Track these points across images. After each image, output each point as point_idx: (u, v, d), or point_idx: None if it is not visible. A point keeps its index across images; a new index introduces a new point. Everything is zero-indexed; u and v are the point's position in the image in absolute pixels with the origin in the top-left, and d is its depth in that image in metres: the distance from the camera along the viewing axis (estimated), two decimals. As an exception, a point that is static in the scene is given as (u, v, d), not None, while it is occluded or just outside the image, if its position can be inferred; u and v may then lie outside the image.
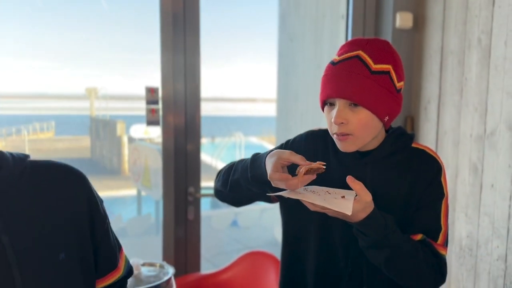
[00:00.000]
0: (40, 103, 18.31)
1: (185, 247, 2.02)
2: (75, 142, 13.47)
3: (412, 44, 2.02)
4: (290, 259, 1.14)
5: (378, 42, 1.01)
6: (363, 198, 0.90)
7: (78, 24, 4.27)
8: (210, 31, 17.77)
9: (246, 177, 1.02)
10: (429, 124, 1.94)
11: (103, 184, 8.37)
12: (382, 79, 0.96)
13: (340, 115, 0.95)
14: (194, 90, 1.96)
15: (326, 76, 1.00)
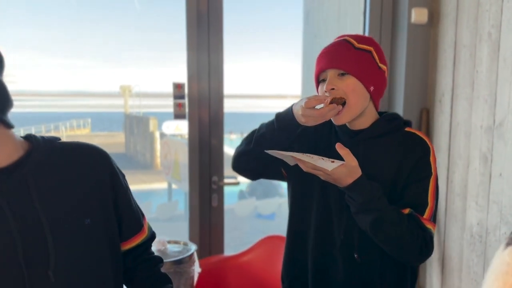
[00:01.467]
0: (78, 101, 19.00)
1: (209, 232, 2.17)
2: (110, 138, 13.97)
3: (427, 39, 2.08)
4: (294, 232, 1.27)
5: (362, 35, 1.19)
6: (348, 162, 1.04)
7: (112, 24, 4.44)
8: (237, 29, 17.94)
9: (272, 128, 1.16)
10: (443, 116, 2.00)
11: (136, 178, 8.69)
12: (364, 55, 1.13)
13: (330, 82, 1.11)
14: (218, 86, 2.09)
15: (318, 58, 1.17)
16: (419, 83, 2.11)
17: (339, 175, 1.04)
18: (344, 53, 1.11)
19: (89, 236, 0.87)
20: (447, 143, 1.97)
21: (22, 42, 16.05)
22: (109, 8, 16.95)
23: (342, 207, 1.14)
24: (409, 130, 1.20)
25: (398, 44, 2.15)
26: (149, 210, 3.14)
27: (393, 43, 2.19)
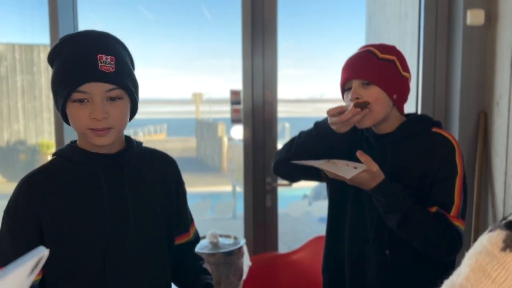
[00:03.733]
0: (154, 107, 20.14)
1: (263, 230, 2.28)
2: (183, 142, 14.66)
3: (484, 41, 2.04)
4: (332, 230, 1.35)
5: (385, 44, 1.25)
6: (370, 168, 1.11)
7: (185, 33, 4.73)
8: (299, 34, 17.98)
9: (311, 137, 1.27)
10: (500, 119, 1.94)
11: (205, 180, 9.07)
12: (387, 65, 1.19)
13: (355, 92, 1.18)
14: (272, 91, 2.21)
15: (343, 68, 1.24)
16: (476, 85, 2.07)
17: (361, 180, 1.12)
18: (367, 64, 1.18)
19: (157, 220, 1.05)
20: (505, 146, 1.91)
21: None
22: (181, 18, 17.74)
23: (373, 206, 1.20)
24: (436, 130, 1.23)
25: (454, 46, 2.12)
26: (209, 208, 3.35)
27: (449, 46, 2.17)
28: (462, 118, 2.07)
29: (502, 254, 0.64)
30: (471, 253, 0.68)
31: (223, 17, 14.25)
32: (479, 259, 0.67)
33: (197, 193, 7.59)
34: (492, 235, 0.67)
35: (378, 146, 1.23)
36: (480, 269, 0.66)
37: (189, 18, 12.44)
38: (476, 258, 0.67)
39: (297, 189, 5.70)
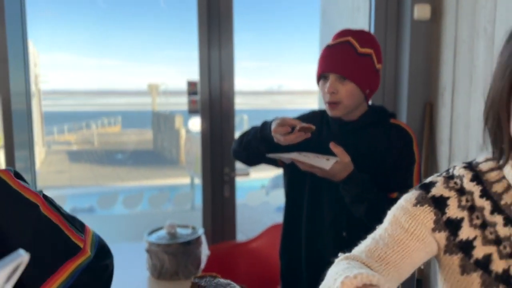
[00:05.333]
0: (108, 99, 19.55)
1: (222, 220, 2.30)
2: (139, 135, 14.35)
3: (430, 35, 2.14)
4: (289, 215, 1.41)
5: (365, 32, 1.30)
6: (342, 159, 1.17)
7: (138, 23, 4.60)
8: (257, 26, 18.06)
9: (256, 137, 1.31)
10: (444, 109, 2.06)
11: (163, 173, 8.97)
12: (365, 60, 1.24)
13: (332, 86, 1.23)
14: (229, 82, 2.22)
15: (322, 56, 1.28)
16: (423, 78, 2.18)
17: (334, 171, 1.18)
18: (346, 59, 1.22)
19: None
20: (448, 135, 2.03)
21: (53, 43, 16.75)
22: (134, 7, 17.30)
23: (331, 191, 1.26)
24: (394, 121, 1.33)
25: (403, 40, 2.22)
26: (166, 201, 3.35)
27: (398, 39, 2.26)
28: (410, 108, 2.18)
29: (414, 209, 0.79)
30: (391, 210, 0.83)
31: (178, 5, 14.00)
32: (396, 213, 0.81)
33: (155, 186, 7.49)
34: (408, 195, 0.83)
35: (340, 133, 1.30)
36: (396, 221, 0.80)
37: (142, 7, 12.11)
38: (394, 213, 0.82)
39: (256, 180, 5.76)
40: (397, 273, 0.77)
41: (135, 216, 3.99)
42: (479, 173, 0.79)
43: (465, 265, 0.76)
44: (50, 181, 7.89)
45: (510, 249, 0.73)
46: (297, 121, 1.22)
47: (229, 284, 0.79)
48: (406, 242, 0.77)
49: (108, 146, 12.42)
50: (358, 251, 0.81)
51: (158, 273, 1.51)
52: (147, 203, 3.78)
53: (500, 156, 0.77)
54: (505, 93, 0.69)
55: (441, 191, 0.80)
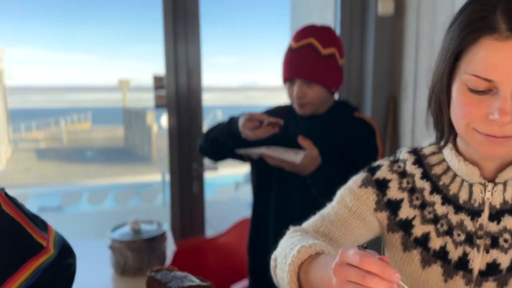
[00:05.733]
0: (78, 95, 19.13)
1: (191, 217, 2.29)
2: (110, 132, 14.10)
3: (393, 30, 2.19)
4: (257, 210, 1.43)
5: (325, 29, 1.30)
6: (311, 153, 1.19)
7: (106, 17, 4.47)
8: (230, 21, 18.00)
9: (223, 133, 1.31)
10: (407, 103, 2.11)
11: (134, 170, 8.85)
12: (330, 61, 1.27)
13: (300, 90, 1.26)
14: (196, 78, 2.21)
15: (286, 60, 1.30)
16: (387, 72, 2.22)
17: (303, 165, 1.20)
18: (311, 64, 1.24)
19: None
20: (411, 128, 2.08)
21: (19, 37, 16.18)
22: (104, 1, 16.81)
23: (299, 184, 1.28)
24: (358, 115, 1.36)
25: (367, 35, 2.25)
26: (131, 197, 3.31)
27: (363, 35, 2.30)
28: (374, 102, 2.22)
29: (359, 190, 0.85)
30: (340, 190, 0.89)
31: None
32: (343, 193, 0.88)
33: (126, 183, 7.39)
34: (356, 177, 0.88)
35: (308, 127, 1.32)
36: (342, 200, 0.86)
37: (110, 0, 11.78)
38: (341, 193, 0.88)
39: (229, 176, 5.75)
40: (339, 248, 0.80)
41: (104, 214, 3.93)
42: (421, 156, 0.83)
43: (406, 243, 0.81)
44: (17, 180, 7.67)
45: (446, 226, 0.78)
46: (265, 116, 1.24)
47: (185, 276, 0.79)
48: (349, 220, 0.83)
49: (77, 143, 12.16)
50: (307, 225, 0.87)
51: (121, 269, 1.49)
52: (113, 201, 3.72)
53: (440, 138, 0.80)
54: (445, 77, 0.72)
55: (384, 174, 0.85)
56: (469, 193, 0.76)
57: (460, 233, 0.76)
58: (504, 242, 0.74)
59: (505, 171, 0.74)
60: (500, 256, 0.74)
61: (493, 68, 0.64)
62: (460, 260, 0.76)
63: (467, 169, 0.75)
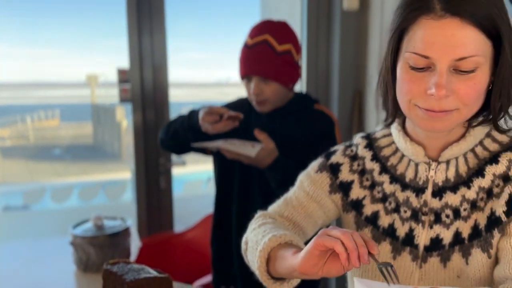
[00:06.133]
0: (45, 91, 18.56)
1: (159, 212, 2.27)
2: (79, 129, 13.76)
3: (358, 25, 2.22)
4: (220, 203, 1.42)
5: (281, 25, 1.30)
6: (267, 145, 1.20)
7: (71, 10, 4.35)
8: (204, 16, 17.75)
9: (183, 126, 1.30)
10: (372, 97, 2.15)
11: (104, 167, 8.67)
12: (286, 58, 1.27)
13: (256, 88, 1.26)
14: (162, 73, 2.18)
15: (242, 57, 1.30)
16: (353, 67, 2.25)
17: (259, 158, 1.20)
18: (266, 61, 1.24)
19: None
20: (375, 122, 2.12)
21: (-17, 32, 15.45)
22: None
23: (261, 178, 1.28)
24: (317, 107, 1.36)
25: (333, 30, 2.28)
26: (96, 194, 3.26)
27: (329, 30, 2.32)
28: (341, 97, 2.25)
29: (315, 175, 0.90)
30: (299, 175, 0.93)
31: (119, -7, 13.25)
32: (302, 179, 0.92)
33: (95, 181, 7.24)
34: (314, 162, 0.93)
35: (267, 120, 1.32)
36: (301, 185, 0.91)
37: None
38: (301, 179, 0.93)
39: (198, 173, 5.72)
40: (302, 232, 0.88)
41: (68, 211, 3.84)
42: (373, 140, 0.89)
43: (358, 222, 0.86)
44: (-20, 179, 7.40)
45: (394, 204, 0.82)
46: (225, 110, 1.23)
47: (142, 268, 0.78)
48: (307, 204, 0.89)
49: (44, 141, 11.82)
50: (272, 210, 0.92)
51: (84, 266, 1.46)
52: (77, 198, 3.65)
53: (387, 116, 0.84)
54: (390, 56, 0.75)
55: (337, 159, 0.91)
56: (415, 172, 0.80)
57: (406, 210, 0.80)
58: (446, 217, 0.77)
59: (447, 150, 0.77)
60: (443, 232, 0.77)
61: (430, 45, 0.67)
62: (406, 236, 0.80)
63: (412, 148, 0.79)
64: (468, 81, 0.68)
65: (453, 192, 0.77)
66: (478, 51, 0.66)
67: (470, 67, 0.67)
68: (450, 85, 0.67)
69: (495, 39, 0.68)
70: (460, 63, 0.66)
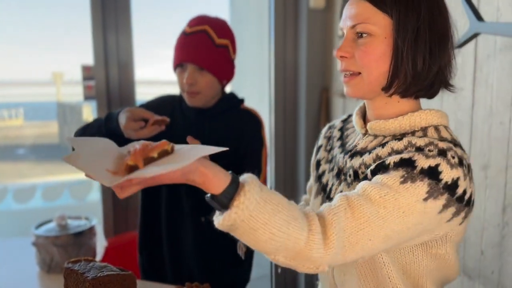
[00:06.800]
0: (7, 89, 17.91)
1: (126, 212, 2.24)
2: (43, 128, 13.35)
3: (324, 23, 2.25)
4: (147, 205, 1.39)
5: (221, 21, 1.30)
6: None
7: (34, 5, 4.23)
8: (175, 13, 17.39)
9: (101, 132, 1.19)
10: (338, 94, 2.19)
11: (71, 167, 8.44)
12: (223, 52, 1.25)
13: (191, 76, 1.22)
14: (128, 70, 2.15)
15: (179, 44, 1.26)
16: (319, 65, 2.29)
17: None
18: (204, 50, 1.22)
19: None
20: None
21: None
22: None
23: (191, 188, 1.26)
24: (244, 107, 1.37)
25: (300, 28, 2.30)
26: (61, 195, 3.18)
27: (296, 28, 2.34)
28: (308, 95, 2.28)
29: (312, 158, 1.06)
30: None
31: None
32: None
33: (60, 181, 7.03)
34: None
35: (197, 120, 1.30)
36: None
37: None
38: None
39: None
40: None
41: (32, 212, 3.73)
42: (346, 122, 1.02)
43: (315, 179, 1.01)
44: None
45: (333, 165, 0.95)
46: (150, 114, 1.15)
47: (105, 266, 0.77)
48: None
49: (7, 141, 11.42)
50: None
51: (48, 267, 1.43)
52: (41, 198, 3.54)
53: None
54: None
55: (320, 141, 1.05)
56: (354, 140, 0.93)
57: (335, 169, 0.93)
58: (348, 177, 0.87)
59: (368, 124, 0.87)
60: (345, 189, 0.88)
61: (342, 19, 0.85)
62: (329, 191, 0.93)
63: (355, 120, 0.92)
64: (362, 46, 0.80)
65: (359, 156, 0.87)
66: (369, 19, 0.79)
67: (362, 31, 0.79)
68: (353, 50, 0.81)
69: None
70: (355, 29, 0.81)
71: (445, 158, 0.74)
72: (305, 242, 0.69)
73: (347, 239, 0.71)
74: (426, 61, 0.79)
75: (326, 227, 0.71)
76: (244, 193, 0.68)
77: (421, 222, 0.74)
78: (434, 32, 0.79)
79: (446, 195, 0.73)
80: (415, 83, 0.80)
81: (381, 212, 0.72)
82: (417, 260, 0.83)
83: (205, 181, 0.68)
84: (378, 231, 0.72)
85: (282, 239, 0.68)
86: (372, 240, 0.72)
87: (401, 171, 0.74)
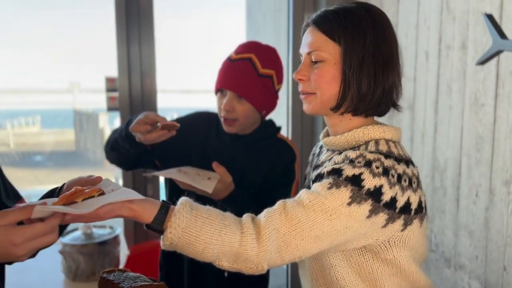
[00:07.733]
0: (25, 97, 18.23)
1: (145, 220, 2.27)
2: (60, 135, 13.58)
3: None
4: None
5: (269, 49, 1.29)
6: (224, 179, 1.14)
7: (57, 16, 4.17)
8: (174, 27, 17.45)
9: (121, 136, 1.19)
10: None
11: (87, 174, 8.55)
12: (265, 82, 1.24)
13: (229, 103, 1.22)
14: (150, 80, 2.19)
15: (222, 70, 1.27)
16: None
17: (215, 191, 1.12)
18: (246, 80, 1.21)
19: None
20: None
21: (-38, 36, 14.72)
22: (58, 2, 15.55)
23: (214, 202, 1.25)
24: (280, 137, 1.35)
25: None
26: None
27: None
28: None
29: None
30: None
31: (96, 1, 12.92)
32: None
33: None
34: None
35: (232, 145, 1.29)
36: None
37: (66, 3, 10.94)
38: None
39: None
40: None
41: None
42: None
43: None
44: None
45: (307, 181, 1.07)
46: (161, 118, 1.11)
47: (139, 277, 0.80)
48: None
49: (25, 148, 11.63)
50: None
51: (73, 275, 1.47)
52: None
53: None
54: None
55: (310, 158, 1.12)
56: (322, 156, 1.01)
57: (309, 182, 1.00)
58: (308, 188, 0.91)
59: (323, 140, 0.97)
60: None
61: (302, 46, 0.95)
62: None
63: (320, 137, 1.00)
64: (316, 70, 0.90)
65: (318, 169, 0.96)
66: (321, 47, 0.89)
67: (315, 59, 0.90)
68: (309, 73, 0.91)
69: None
70: (310, 55, 0.91)
71: (369, 168, 0.82)
72: (239, 244, 0.78)
73: (281, 239, 0.80)
74: (370, 85, 0.87)
75: (260, 228, 0.80)
76: (174, 214, 0.77)
77: (350, 226, 0.82)
78: (378, 58, 0.87)
79: (370, 201, 0.81)
80: (361, 104, 0.89)
81: (310, 215, 0.81)
82: (368, 263, 0.90)
83: (134, 215, 0.78)
84: (308, 232, 0.80)
85: (217, 246, 0.78)
86: (304, 240, 0.80)
87: (330, 179, 0.83)
